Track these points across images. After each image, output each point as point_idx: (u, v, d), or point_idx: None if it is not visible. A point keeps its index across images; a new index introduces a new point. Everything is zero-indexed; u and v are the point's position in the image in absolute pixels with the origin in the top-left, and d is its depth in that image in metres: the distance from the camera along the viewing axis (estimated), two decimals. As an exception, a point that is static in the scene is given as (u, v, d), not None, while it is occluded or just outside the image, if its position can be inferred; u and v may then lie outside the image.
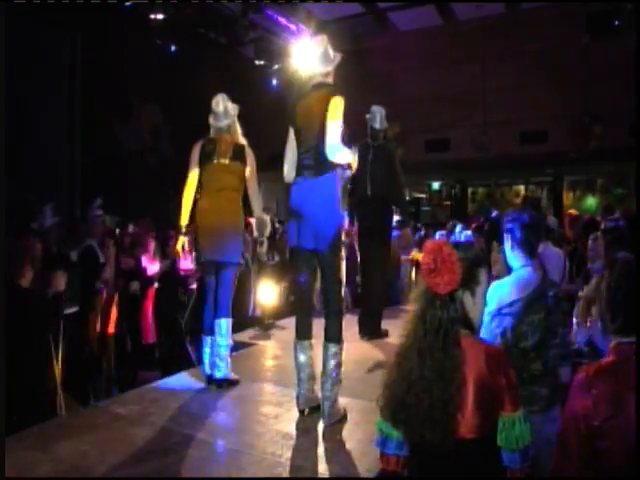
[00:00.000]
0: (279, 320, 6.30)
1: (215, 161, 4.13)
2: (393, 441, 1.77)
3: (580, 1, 9.81)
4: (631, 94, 9.85)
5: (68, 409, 4.04)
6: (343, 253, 3.58)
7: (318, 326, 3.46)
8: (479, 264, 1.82)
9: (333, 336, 3.33)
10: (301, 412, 3.36)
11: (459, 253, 1.72)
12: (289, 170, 3.58)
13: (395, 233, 6.51)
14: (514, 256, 2.59)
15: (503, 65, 11.44)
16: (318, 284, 3.65)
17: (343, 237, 3.88)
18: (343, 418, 3.29)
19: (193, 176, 4.19)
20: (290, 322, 6.27)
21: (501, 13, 11.24)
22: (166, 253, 6.87)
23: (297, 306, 3.63)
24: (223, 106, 4.22)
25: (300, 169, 3.47)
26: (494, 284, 2.34)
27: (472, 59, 11.82)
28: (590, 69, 10.70)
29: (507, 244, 2.62)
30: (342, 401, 3.36)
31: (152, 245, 6.50)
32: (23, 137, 8.77)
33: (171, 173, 10.70)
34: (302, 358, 3.38)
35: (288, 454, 2.84)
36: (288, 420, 3.31)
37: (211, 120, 4.28)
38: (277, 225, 8.65)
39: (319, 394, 3.34)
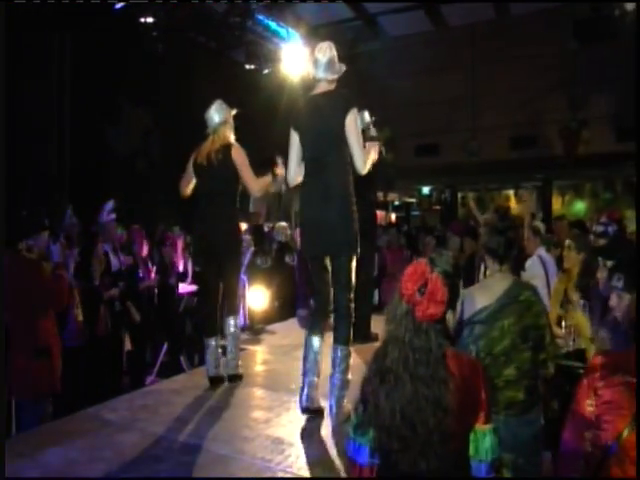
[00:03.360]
0: (269, 325, 6.30)
1: (203, 165, 4.16)
2: (366, 449, 1.74)
3: (567, 0, 9.87)
4: (619, 99, 9.97)
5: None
6: (354, 260, 3.52)
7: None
8: (458, 275, 1.81)
9: (342, 339, 3.41)
10: (303, 411, 3.39)
11: (438, 269, 1.71)
12: (295, 174, 3.61)
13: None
14: (490, 262, 2.58)
15: (493, 70, 11.52)
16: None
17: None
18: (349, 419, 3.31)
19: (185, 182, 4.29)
20: (280, 327, 6.35)
21: (491, 19, 11.32)
22: (162, 254, 6.89)
23: (315, 305, 3.68)
24: (215, 110, 4.30)
25: (311, 175, 3.50)
26: (465, 294, 2.28)
27: (462, 64, 11.91)
28: (578, 75, 10.79)
29: (482, 252, 2.65)
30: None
31: (146, 248, 6.50)
32: (11, 140, 8.70)
33: (161, 177, 10.73)
34: (311, 353, 3.45)
35: (278, 459, 2.83)
36: (278, 425, 3.31)
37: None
38: (266, 229, 8.66)
39: (319, 396, 3.41)
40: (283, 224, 8.47)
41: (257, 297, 6.36)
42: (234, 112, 4.43)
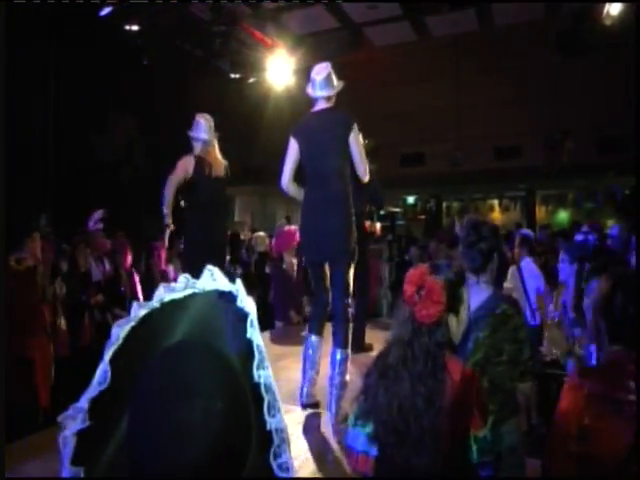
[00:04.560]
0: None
1: (212, 177, 4.42)
2: (364, 438, 1.78)
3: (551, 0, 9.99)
4: (601, 111, 10.12)
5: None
6: (352, 266, 3.73)
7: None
8: (461, 283, 1.88)
9: (341, 342, 3.57)
10: (303, 407, 3.56)
11: (440, 277, 1.78)
12: (289, 182, 3.80)
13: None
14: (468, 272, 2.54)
15: (477, 81, 11.65)
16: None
17: None
18: (346, 418, 3.42)
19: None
20: (265, 335, 6.31)
21: (474, 30, 11.44)
22: (150, 265, 6.85)
23: (313, 309, 3.91)
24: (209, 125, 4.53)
25: (313, 186, 3.70)
26: None
27: (446, 75, 12.02)
28: (561, 86, 10.94)
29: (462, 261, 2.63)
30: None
31: (129, 257, 6.46)
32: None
33: (145, 186, 10.66)
34: (311, 352, 3.62)
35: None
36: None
37: (194, 134, 4.51)
38: (242, 237, 8.64)
39: (317, 390, 3.59)
40: (262, 234, 8.50)
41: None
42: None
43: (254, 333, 0.86)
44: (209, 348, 0.82)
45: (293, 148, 3.74)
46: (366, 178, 3.80)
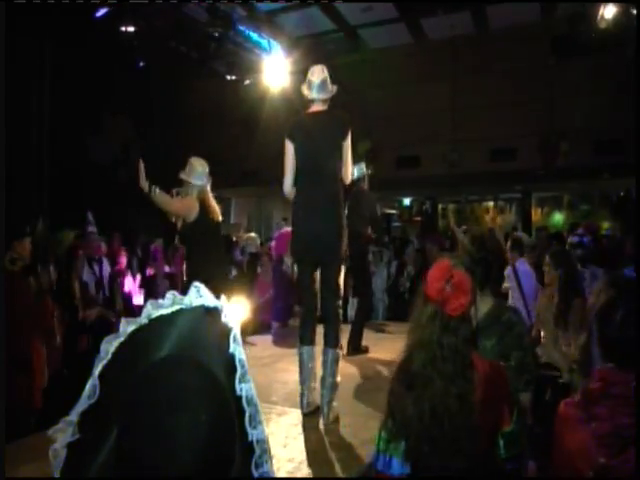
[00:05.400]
0: (249, 337, 6.26)
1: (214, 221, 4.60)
2: (398, 461, 1.74)
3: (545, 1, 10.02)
4: (596, 113, 10.15)
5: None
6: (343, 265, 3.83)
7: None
8: (473, 271, 1.90)
9: (331, 342, 3.59)
10: (305, 415, 3.56)
11: (461, 266, 1.78)
12: (291, 184, 3.80)
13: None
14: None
15: (472, 83, 11.66)
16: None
17: None
18: (337, 419, 3.54)
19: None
20: (258, 339, 6.31)
21: (470, 33, 11.47)
22: (144, 266, 6.85)
23: (303, 315, 3.88)
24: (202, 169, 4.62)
25: (307, 185, 3.72)
26: None
27: (442, 77, 12.03)
28: (556, 88, 10.97)
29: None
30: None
31: (124, 259, 6.45)
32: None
33: (141, 187, 10.63)
34: (307, 363, 3.62)
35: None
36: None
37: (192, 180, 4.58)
38: (234, 239, 8.65)
39: (318, 396, 3.58)
40: (253, 235, 8.53)
41: (235, 309, 6.33)
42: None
43: (237, 348, 0.89)
44: (195, 362, 0.84)
45: (290, 150, 3.76)
46: (348, 181, 3.88)
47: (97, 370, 0.87)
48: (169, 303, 0.92)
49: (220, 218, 4.73)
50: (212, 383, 0.83)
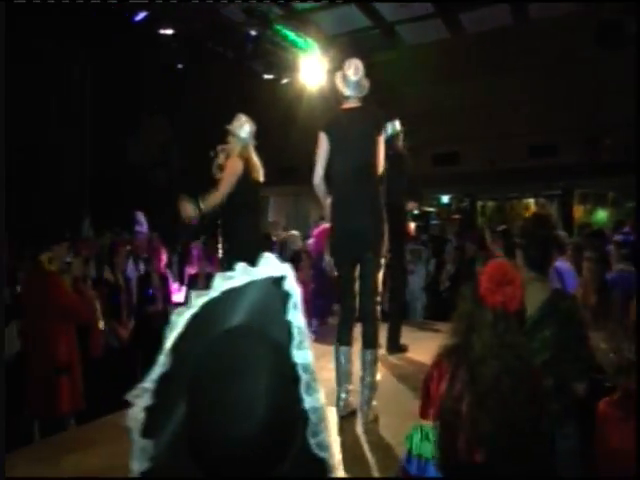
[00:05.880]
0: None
1: (258, 182, 4.46)
2: (432, 465, 1.72)
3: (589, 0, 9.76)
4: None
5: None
6: (383, 261, 3.75)
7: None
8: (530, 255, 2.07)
9: (370, 342, 3.58)
10: (342, 417, 3.54)
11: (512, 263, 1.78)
12: (321, 180, 3.81)
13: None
14: (526, 270, 2.51)
15: (512, 78, 11.42)
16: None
17: None
18: (376, 419, 3.53)
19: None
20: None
21: (509, 25, 11.24)
22: (191, 265, 6.94)
23: (341, 315, 3.84)
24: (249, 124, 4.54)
25: (344, 181, 3.70)
26: None
27: (480, 71, 11.82)
28: (600, 82, 10.66)
29: (518, 259, 2.56)
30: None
31: (164, 257, 6.55)
32: (34, 152, 8.82)
33: (180, 188, 10.78)
34: (343, 364, 3.59)
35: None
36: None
37: (238, 132, 4.48)
38: (274, 239, 8.67)
39: (354, 398, 3.59)
40: (295, 233, 8.52)
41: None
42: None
43: (295, 315, 0.92)
44: (261, 332, 0.89)
45: (324, 144, 3.75)
46: (379, 172, 3.84)
47: (169, 341, 0.91)
48: (239, 274, 0.94)
49: (262, 178, 4.54)
50: (274, 352, 0.86)
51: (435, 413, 1.80)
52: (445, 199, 14.97)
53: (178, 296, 6.92)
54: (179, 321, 0.92)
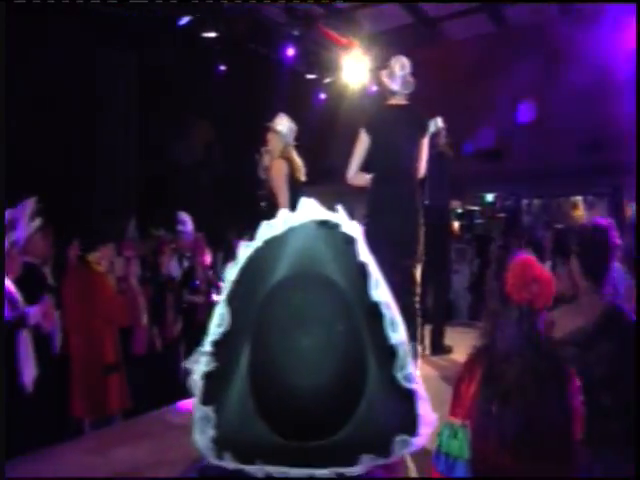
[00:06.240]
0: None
1: (299, 181, 4.47)
2: (463, 465, 1.69)
3: None
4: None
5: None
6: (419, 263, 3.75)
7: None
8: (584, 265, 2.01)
9: (412, 336, 3.51)
10: None
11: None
12: (355, 172, 3.85)
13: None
14: (581, 279, 2.38)
15: (558, 70, 11.12)
16: None
17: None
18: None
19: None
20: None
21: (555, 16, 10.93)
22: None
23: None
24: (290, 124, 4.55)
25: (383, 180, 3.71)
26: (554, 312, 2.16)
27: (525, 66, 11.54)
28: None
29: (573, 266, 2.43)
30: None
31: (208, 256, 6.64)
32: (81, 153, 9.05)
33: (224, 189, 10.93)
34: None
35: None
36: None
37: (281, 129, 4.50)
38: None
39: None
40: None
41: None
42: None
43: (366, 256, 0.91)
44: (318, 276, 0.88)
45: (363, 142, 3.74)
46: (422, 174, 3.87)
47: (223, 298, 0.89)
48: (280, 222, 0.93)
49: (304, 178, 4.54)
50: (337, 294, 0.86)
51: (464, 413, 1.78)
52: (489, 197, 14.70)
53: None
54: (228, 277, 0.91)
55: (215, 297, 6.62)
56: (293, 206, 3.31)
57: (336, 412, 0.81)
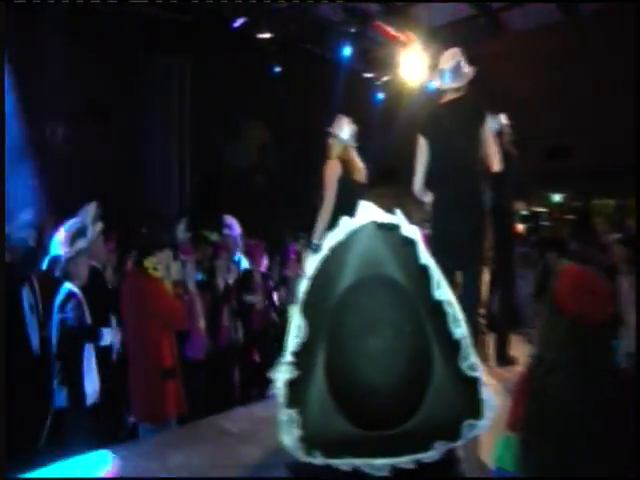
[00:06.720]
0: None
1: (356, 181, 4.33)
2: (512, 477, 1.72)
3: None
4: None
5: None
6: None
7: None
8: None
9: None
10: None
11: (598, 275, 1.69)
12: (421, 187, 3.67)
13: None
14: None
15: (630, 63, 10.49)
16: None
17: None
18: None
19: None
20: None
21: (630, 3, 10.31)
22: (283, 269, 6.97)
23: None
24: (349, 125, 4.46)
25: (443, 183, 3.51)
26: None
27: (595, 58, 10.97)
28: None
29: None
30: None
31: (265, 260, 6.58)
32: (137, 156, 9.15)
33: (279, 191, 10.87)
34: None
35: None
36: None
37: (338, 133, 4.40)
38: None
39: None
40: None
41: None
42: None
43: (426, 257, 0.94)
44: (382, 278, 0.93)
45: (422, 147, 3.60)
46: (497, 167, 3.55)
47: (298, 310, 0.93)
48: (342, 227, 0.96)
49: (364, 180, 4.46)
50: (401, 294, 0.91)
51: (518, 426, 1.79)
52: (557, 198, 14.15)
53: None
54: (300, 288, 0.95)
55: (275, 299, 6.59)
56: (348, 207, 3.08)
57: (407, 403, 0.88)
